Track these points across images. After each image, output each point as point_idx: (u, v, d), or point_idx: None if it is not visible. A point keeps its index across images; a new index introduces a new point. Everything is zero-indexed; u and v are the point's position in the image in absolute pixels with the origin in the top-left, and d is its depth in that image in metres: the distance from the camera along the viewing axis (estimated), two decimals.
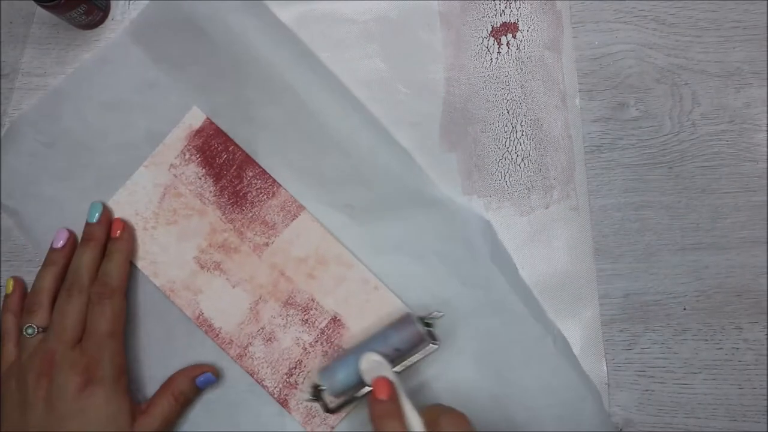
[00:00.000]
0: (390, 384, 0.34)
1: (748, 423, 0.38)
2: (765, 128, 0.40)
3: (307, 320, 0.41)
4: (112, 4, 0.44)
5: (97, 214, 0.41)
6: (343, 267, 0.41)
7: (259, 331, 0.41)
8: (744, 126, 0.40)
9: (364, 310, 0.40)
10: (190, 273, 0.41)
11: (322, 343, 0.40)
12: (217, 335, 0.41)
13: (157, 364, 0.41)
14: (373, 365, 0.35)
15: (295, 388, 0.40)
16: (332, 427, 0.40)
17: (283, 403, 0.40)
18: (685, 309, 0.40)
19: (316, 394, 0.37)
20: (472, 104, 0.42)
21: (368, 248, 0.41)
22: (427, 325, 0.37)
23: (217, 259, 0.41)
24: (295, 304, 0.41)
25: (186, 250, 0.42)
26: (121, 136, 0.42)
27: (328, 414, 0.38)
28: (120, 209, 0.42)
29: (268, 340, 0.41)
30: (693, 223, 0.40)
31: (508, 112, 0.42)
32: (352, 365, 0.36)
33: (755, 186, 0.40)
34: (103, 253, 0.40)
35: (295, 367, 0.40)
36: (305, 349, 0.40)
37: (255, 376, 0.41)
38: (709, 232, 0.40)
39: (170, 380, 0.40)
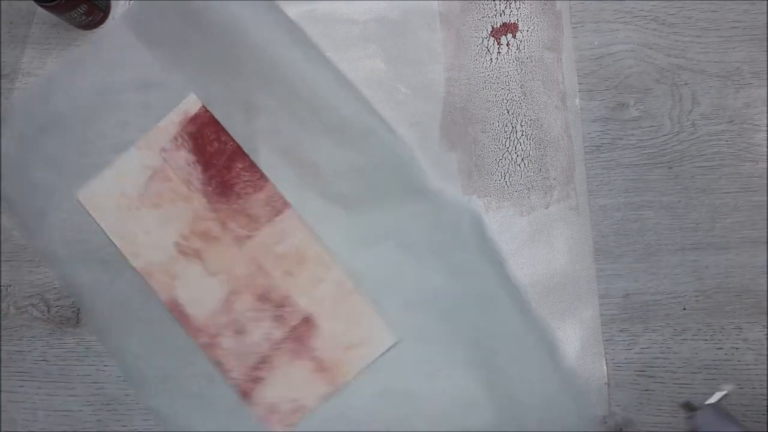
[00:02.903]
0: None
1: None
2: (765, 128, 0.40)
3: (279, 317, 0.41)
4: (112, 4, 0.44)
5: None
6: (321, 267, 0.41)
7: (230, 322, 0.41)
8: (744, 126, 0.40)
9: (337, 313, 0.40)
10: (169, 258, 0.41)
11: (291, 341, 0.40)
12: (188, 322, 0.41)
13: (134, 346, 0.41)
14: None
15: (260, 382, 0.40)
16: (292, 425, 0.40)
17: (246, 396, 0.40)
18: (684, 309, 0.40)
19: None
20: (472, 104, 0.42)
21: (358, 237, 0.41)
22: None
23: (197, 247, 0.41)
24: (270, 299, 0.41)
25: (167, 234, 0.42)
26: (113, 123, 0.43)
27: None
28: (107, 188, 0.42)
29: (238, 333, 0.41)
30: (693, 223, 0.40)
31: (508, 112, 0.42)
32: None
33: (755, 186, 0.40)
34: None
35: (262, 362, 0.41)
36: (274, 345, 0.41)
37: (221, 366, 0.41)
38: (709, 232, 0.40)
39: None
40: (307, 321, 0.41)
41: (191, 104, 0.42)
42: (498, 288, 0.39)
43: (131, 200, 0.42)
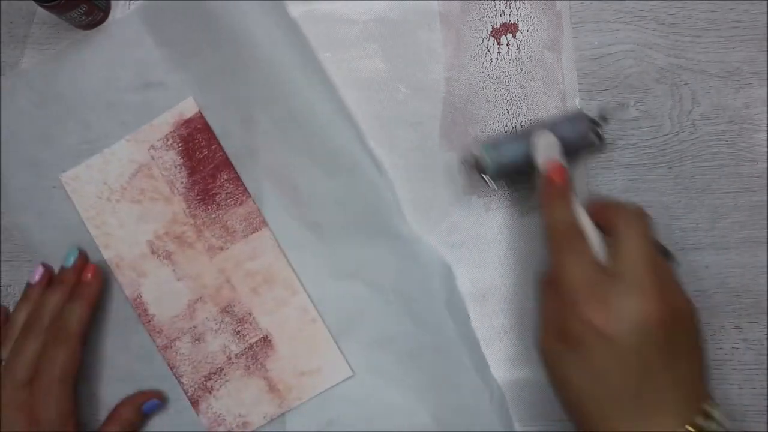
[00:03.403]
0: (565, 169, 0.34)
1: (748, 423, 0.38)
2: (765, 128, 0.40)
3: (239, 332, 0.41)
4: (113, 4, 0.44)
5: (72, 259, 0.41)
6: (287, 291, 0.41)
7: (190, 328, 0.41)
8: (744, 126, 0.40)
9: (296, 338, 0.41)
10: (140, 255, 0.42)
11: (247, 358, 0.41)
12: (149, 321, 0.42)
13: (90, 339, 0.41)
14: (547, 145, 0.35)
15: (210, 392, 0.41)
16: None
17: (195, 403, 0.41)
18: None
19: (478, 167, 0.37)
20: (472, 104, 0.42)
21: (327, 269, 0.41)
22: (595, 124, 0.38)
23: (169, 249, 0.42)
24: (232, 313, 0.41)
25: (142, 231, 0.42)
26: (110, 111, 0.43)
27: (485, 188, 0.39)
28: (91, 174, 0.43)
29: (196, 340, 0.41)
30: (693, 223, 0.40)
31: (508, 112, 0.42)
32: (519, 143, 0.36)
33: (755, 186, 0.40)
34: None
35: (215, 373, 0.41)
36: (230, 358, 0.41)
37: (174, 370, 0.41)
38: (708, 232, 0.40)
39: (116, 412, 0.40)
40: (266, 341, 0.41)
41: (188, 107, 0.42)
42: (459, 344, 0.39)
43: (113, 191, 0.42)
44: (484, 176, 0.38)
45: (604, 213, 0.32)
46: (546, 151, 0.35)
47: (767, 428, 0.38)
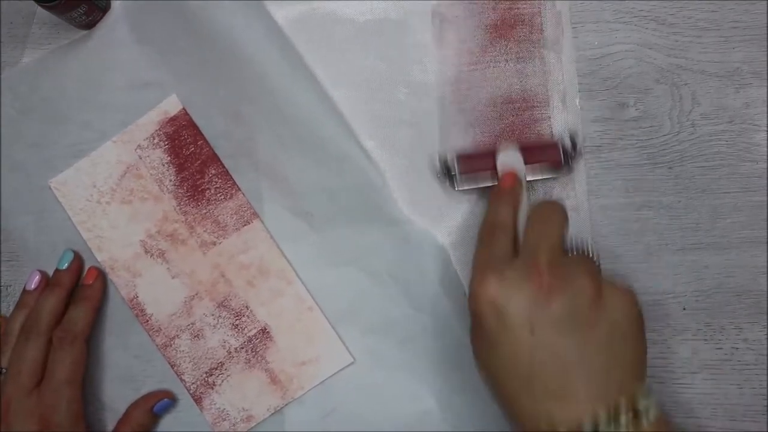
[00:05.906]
0: (516, 178, 0.36)
1: (748, 423, 0.38)
2: (765, 128, 0.40)
3: (237, 325, 0.41)
4: (112, 4, 0.44)
5: (66, 263, 0.41)
6: (283, 282, 0.41)
7: (188, 325, 0.41)
8: (744, 126, 0.40)
9: (295, 328, 0.41)
10: (134, 255, 0.42)
11: (247, 351, 0.41)
12: (147, 321, 0.42)
13: (90, 341, 0.41)
14: (509, 156, 0.38)
15: (212, 388, 0.41)
16: None
17: (198, 400, 0.41)
18: (684, 309, 0.40)
19: (445, 168, 0.40)
20: (471, 104, 0.42)
21: (322, 258, 0.41)
22: (566, 153, 0.39)
23: (162, 247, 0.42)
24: (229, 307, 0.41)
25: (134, 231, 0.42)
26: (96, 113, 0.43)
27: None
28: (80, 178, 0.43)
29: (195, 337, 0.41)
30: (693, 223, 0.40)
31: (507, 112, 0.42)
32: (488, 157, 0.39)
33: (755, 186, 0.40)
34: (68, 299, 0.40)
35: (216, 368, 0.41)
36: (230, 353, 0.41)
37: (175, 368, 0.41)
38: (709, 232, 0.40)
39: (127, 415, 0.40)
40: (264, 332, 0.41)
41: (172, 105, 0.42)
42: (456, 320, 0.39)
43: (102, 193, 0.42)
44: (450, 180, 0.40)
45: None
46: (506, 161, 0.38)
47: (767, 428, 0.38)
